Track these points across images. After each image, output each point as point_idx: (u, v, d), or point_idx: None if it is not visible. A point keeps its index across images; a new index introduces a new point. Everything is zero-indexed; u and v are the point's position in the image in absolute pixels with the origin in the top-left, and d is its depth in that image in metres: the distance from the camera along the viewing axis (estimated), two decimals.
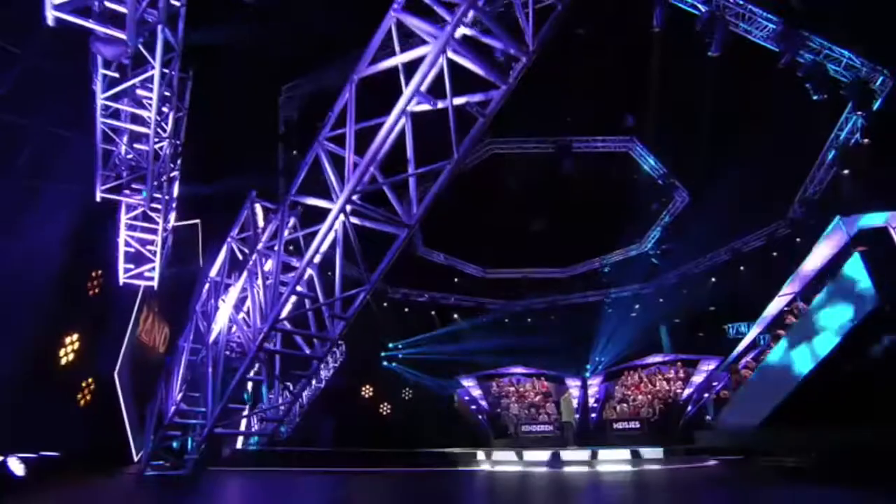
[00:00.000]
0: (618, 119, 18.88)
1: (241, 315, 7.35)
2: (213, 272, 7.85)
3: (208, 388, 6.64)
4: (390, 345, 26.56)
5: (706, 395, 20.25)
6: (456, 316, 27.74)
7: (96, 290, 13.62)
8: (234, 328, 7.18)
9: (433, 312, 27.37)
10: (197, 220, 16.35)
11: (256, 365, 7.89)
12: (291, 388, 8.37)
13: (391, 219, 6.01)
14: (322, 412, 21.72)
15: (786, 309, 12.29)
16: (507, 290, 26.84)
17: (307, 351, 7.00)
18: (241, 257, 7.38)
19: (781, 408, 10.76)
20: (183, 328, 9.44)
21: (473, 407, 23.34)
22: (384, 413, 25.76)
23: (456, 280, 25.98)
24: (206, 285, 7.90)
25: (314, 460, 14.31)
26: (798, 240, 20.10)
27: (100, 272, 13.58)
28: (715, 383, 19.72)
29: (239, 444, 16.51)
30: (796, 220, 20.22)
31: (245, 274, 6.93)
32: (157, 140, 8.45)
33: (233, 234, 7.52)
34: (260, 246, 6.70)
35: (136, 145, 8.00)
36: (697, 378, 21.93)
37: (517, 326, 27.56)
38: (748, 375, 13.03)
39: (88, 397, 13.41)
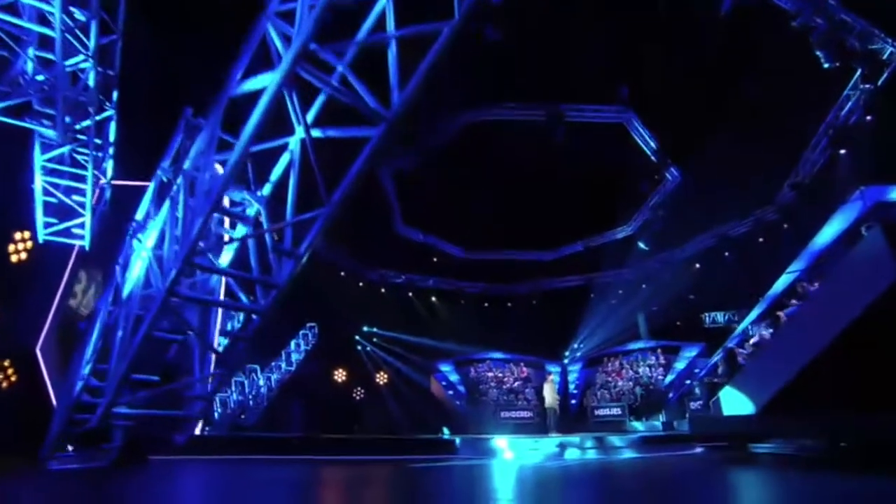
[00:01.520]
0: (613, 87, 17.80)
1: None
2: (140, 214, 6.27)
3: (114, 354, 5.11)
4: (364, 328, 25.50)
5: (688, 381, 20.08)
6: (434, 299, 26.86)
7: (21, 256, 11.98)
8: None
9: (410, 294, 26.36)
10: (150, 183, 14.70)
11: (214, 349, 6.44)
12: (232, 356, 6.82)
13: (361, 103, 4.47)
14: (291, 396, 20.76)
15: (789, 289, 11.64)
16: (489, 272, 25.94)
17: (245, 301, 5.39)
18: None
19: (783, 392, 10.15)
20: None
21: (450, 392, 22.66)
22: (357, 398, 24.75)
23: (435, 260, 24.83)
24: (130, 231, 6.34)
25: (280, 447, 13.19)
26: (785, 226, 19.79)
27: (27, 234, 11.94)
28: (697, 370, 19.61)
29: (197, 430, 15.11)
30: (785, 206, 19.79)
31: (167, 204, 5.33)
32: (78, 61, 6.82)
33: (164, 165, 5.94)
34: (187, 165, 5.07)
35: (40, 54, 6.30)
36: (679, 364, 21.80)
37: (497, 310, 26.88)
38: (745, 360, 12.40)
39: (13, 378, 11.81)
